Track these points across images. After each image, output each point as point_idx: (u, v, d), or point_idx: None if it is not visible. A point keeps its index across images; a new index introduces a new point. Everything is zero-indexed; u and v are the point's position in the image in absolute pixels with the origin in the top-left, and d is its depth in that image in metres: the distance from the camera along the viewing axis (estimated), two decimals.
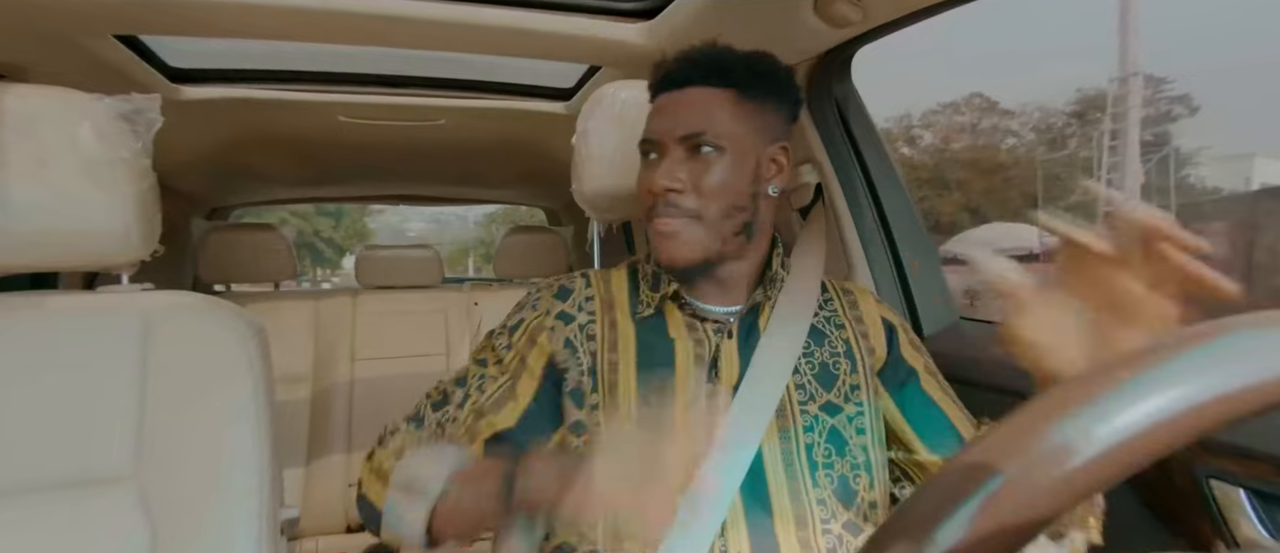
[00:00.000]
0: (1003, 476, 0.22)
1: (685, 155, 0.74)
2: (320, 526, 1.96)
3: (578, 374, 0.77)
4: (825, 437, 0.75)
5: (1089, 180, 8.36)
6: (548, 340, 0.79)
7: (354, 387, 2.06)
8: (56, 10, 0.89)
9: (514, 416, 0.77)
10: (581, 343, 0.78)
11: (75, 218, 0.73)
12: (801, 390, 0.76)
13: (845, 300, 0.85)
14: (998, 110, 25.51)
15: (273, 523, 0.78)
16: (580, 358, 0.78)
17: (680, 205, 0.73)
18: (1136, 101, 12.99)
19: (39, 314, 0.76)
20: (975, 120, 25.52)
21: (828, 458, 0.74)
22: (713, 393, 0.74)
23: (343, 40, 1.05)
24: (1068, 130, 23.31)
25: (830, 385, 0.78)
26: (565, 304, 0.81)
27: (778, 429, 0.74)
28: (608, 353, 0.78)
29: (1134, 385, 0.22)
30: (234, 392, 0.77)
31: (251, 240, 2.17)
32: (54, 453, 0.72)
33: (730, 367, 0.77)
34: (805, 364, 0.78)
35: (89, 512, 0.71)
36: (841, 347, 0.80)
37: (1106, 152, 13.23)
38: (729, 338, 0.78)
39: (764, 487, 0.72)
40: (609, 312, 0.80)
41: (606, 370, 0.77)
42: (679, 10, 0.98)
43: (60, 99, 0.74)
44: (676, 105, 0.76)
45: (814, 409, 0.76)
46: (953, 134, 25.43)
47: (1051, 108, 24.29)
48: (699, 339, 0.78)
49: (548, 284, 0.84)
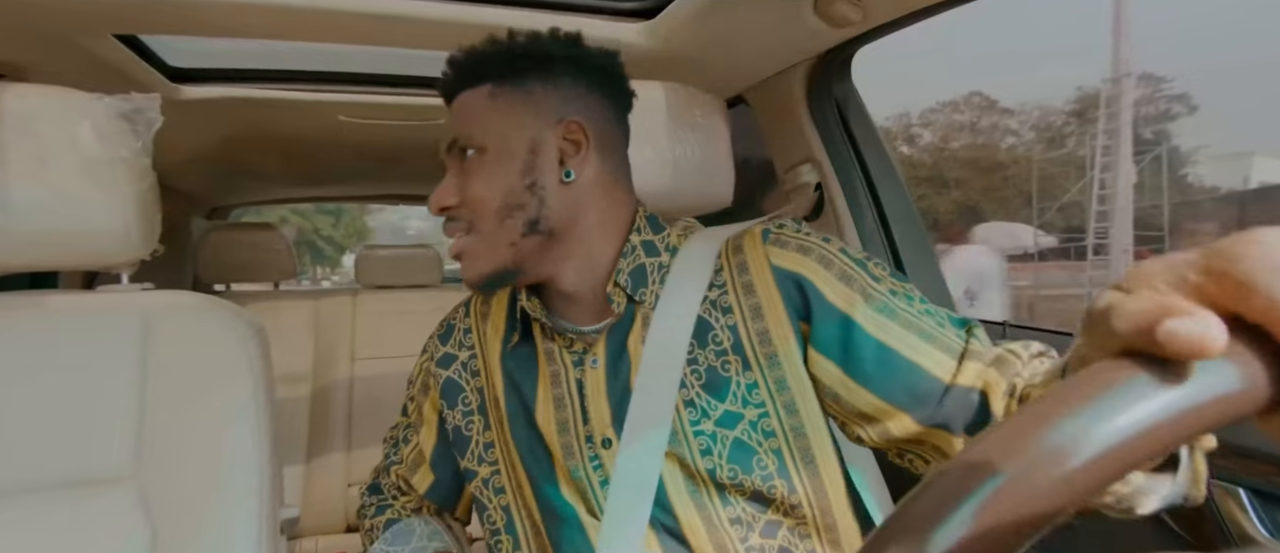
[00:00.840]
0: (1003, 476, 0.22)
1: (458, 167, 0.68)
2: (320, 525, 1.96)
3: (461, 415, 0.76)
4: (727, 456, 0.64)
5: (1084, 179, 8.22)
6: (435, 386, 0.78)
7: (354, 386, 2.06)
8: (56, 10, 0.89)
9: (426, 481, 0.81)
10: (465, 381, 0.76)
11: (75, 218, 0.73)
12: (691, 408, 0.64)
13: (733, 264, 0.68)
14: (997, 109, 25.55)
15: (273, 523, 0.78)
16: (468, 397, 0.75)
17: (458, 219, 0.67)
18: (1129, 101, 12.89)
19: (39, 314, 0.76)
20: (975, 119, 25.58)
21: (734, 477, 0.64)
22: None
23: (342, 40, 1.05)
24: (1067, 129, 23.37)
25: (723, 393, 0.64)
26: (447, 346, 0.78)
27: (678, 462, 0.64)
28: (490, 390, 0.74)
29: (1135, 385, 0.22)
30: (234, 392, 0.77)
31: (251, 240, 2.17)
32: (54, 453, 0.72)
33: (599, 403, 0.67)
34: (691, 375, 0.65)
35: (89, 512, 0.71)
36: (729, 340, 0.65)
37: (1100, 151, 13.17)
38: (593, 368, 0.68)
39: (676, 522, 0.64)
40: (484, 343, 0.76)
41: (492, 404, 0.74)
42: (679, 10, 0.98)
43: (60, 99, 0.74)
44: (449, 118, 0.70)
45: (709, 426, 0.64)
46: (952, 133, 25.49)
47: (1051, 107, 24.36)
48: (557, 374, 0.69)
49: (439, 327, 0.81)
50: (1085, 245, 13.23)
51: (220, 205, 2.55)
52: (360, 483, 2.01)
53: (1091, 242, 13.06)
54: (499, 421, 0.73)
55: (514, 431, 0.71)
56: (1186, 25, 43.15)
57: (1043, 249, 16.78)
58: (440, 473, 0.81)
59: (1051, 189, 19.07)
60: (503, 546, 0.73)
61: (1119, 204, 12.23)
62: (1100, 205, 12.93)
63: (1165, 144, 16.42)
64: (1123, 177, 12.39)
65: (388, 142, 1.78)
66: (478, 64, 0.68)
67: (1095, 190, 13.14)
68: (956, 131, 25.54)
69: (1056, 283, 14.12)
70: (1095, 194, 13.14)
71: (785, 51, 1.07)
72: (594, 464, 0.66)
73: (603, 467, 0.66)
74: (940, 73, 36.31)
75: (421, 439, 0.81)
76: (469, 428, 0.75)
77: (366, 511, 0.86)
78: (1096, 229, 13.03)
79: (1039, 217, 17.49)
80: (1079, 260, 14.28)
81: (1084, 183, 14.76)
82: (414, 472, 0.82)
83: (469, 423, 0.75)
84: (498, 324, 0.75)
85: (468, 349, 0.77)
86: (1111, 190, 12.53)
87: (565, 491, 0.68)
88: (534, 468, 0.70)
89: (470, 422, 0.75)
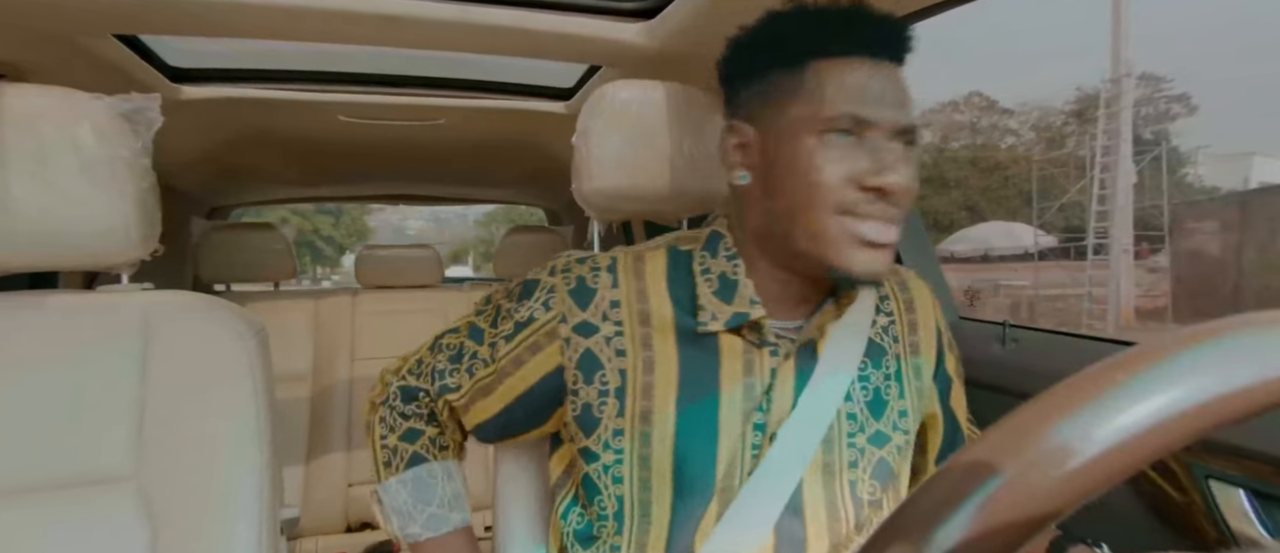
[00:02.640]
0: (1003, 475, 0.22)
1: (898, 146, 0.60)
2: (320, 525, 1.96)
3: (596, 394, 0.67)
4: (871, 472, 0.67)
5: (1084, 179, 8.28)
6: (560, 353, 0.68)
7: (354, 386, 2.06)
8: (56, 10, 0.89)
9: (486, 413, 0.75)
10: (608, 359, 0.67)
11: (75, 218, 0.73)
12: (852, 420, 0.67)
13: (901, 299, 0.74)
14: (997, 109, 25.57)
15: (273, 523, 0.78)
16: (606, 376, 0.67)
17: (902, 206, 0.60)
18: (1129, 102, 13.03)
19: (39, 314, 0.76)
20: (975, 119, 25.61)
21: (873, 495, 0.66)
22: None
23: (342, 40, 1.05)
24: (1067, 129, 23.41)
25: (881, 413, 0.68)
26: (586, 312, 0.68)
27: (822, 465, 0.65)
28: (642, 375, 0.66)
29: (1134, 385, 0.22)
30: (234, 392, 0.77)
31: (251, 240, 2.17)
32: (54, 453, 0.72)
33: (783, 398, 0.66)
34: (859, 390, 0.67)
35: (89, 511, 0.71)
36: (894, 366, 0.70)
37: (1099, 151, 13.30)
38: (786, 359, 0.66)
39: (801, 528, 0.64)
40: (643, 324, 0.67)
41: (638, 395, 0.66)
42: (679, 10, 0.98)
43: (60, 99, 0.74)
44: (883, 80, 0.60)
45: (862, 441, 0.67)
46: (951, 132, 25.57)
47: (1050, 107, 24.41)
48: (751, 362, 0.66)
49: (564, 276, 0.70)
50: (1085, 245, 13.27)
51: (220, 205, 2.56)
52: (360, 483, 2.01)
53: (1091, 241, 13.22)
54: (645, 410, 0.66)
55: (681, 418, 0.65)
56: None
57: (1043, 249, 17.03)
58: (502, 419, 0.74)
59: (1051, 189, 19.12)
60: (607, 530, 0.68)
61: (1119, 204, 12.38)
62: (1100, 205, 13.13)
63: (1165, 144, 16.51)
64: (1122, 177, 12.52)
65: (388, 141, 1.78)
66: (895, 35, 0.62)
67: (1095, 190, 13.37)
68: (956, 131, 25.63)
69: (1056, 282, 14.27)
70: (1095, 194, 13.35)
71: None
72: (753, 452, 0.65)
73: (759, 457, 0.65)
74: (941, 71, 36.36)
75: (503, 385, 0.72)
76: (601, 409, 0.67)
77: (389, 418, 0.79)
78: (1096, 229, 13.19)
79: (1039, 217, 17.71)
80: (1079, 260, 14.39)
81: (1084, 183, 14.95)
82: (471, 406, 0.75)
83: (602, 404, 0.67)
84: (659, 302, 0.68)
85: (614, 324, 0.67)
86: (1111, 190, 12.70)
87: (718, 473, 0.65)
88: (686, 452, 0.65)
89: (604, 404, 0.67)
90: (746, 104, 0.66)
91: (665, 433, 0.65)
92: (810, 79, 0.60)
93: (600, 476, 0.68)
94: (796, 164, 0.60)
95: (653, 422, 0.65)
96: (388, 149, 1.88)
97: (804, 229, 0.61)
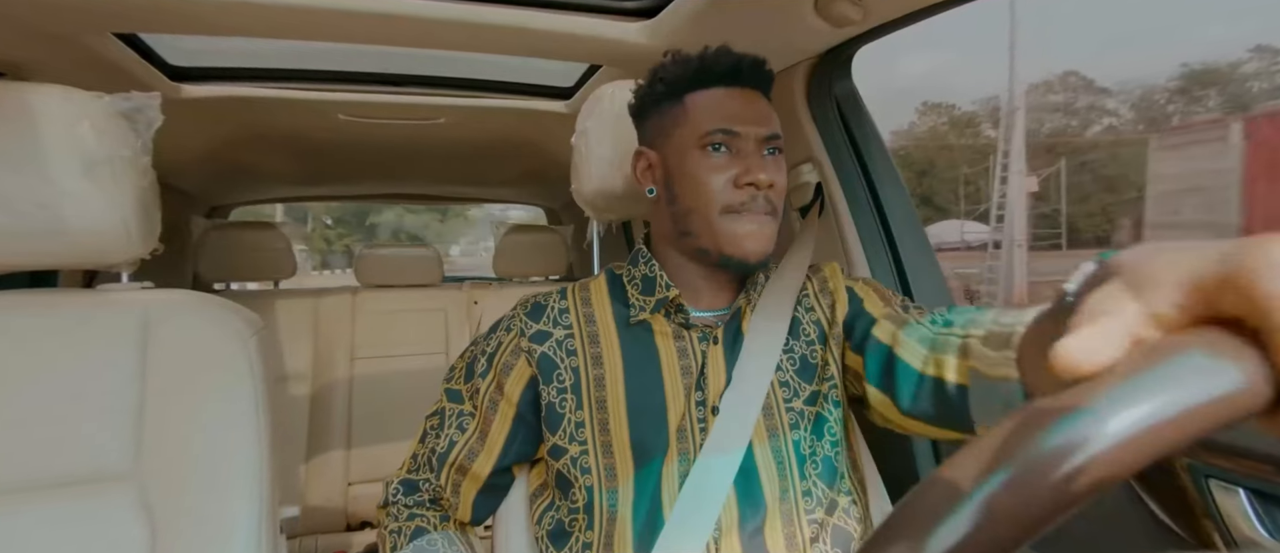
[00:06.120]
0: (1003, 476, 0.22)
1: (762, 154, 0.75)
2: (320, 524, 1.96)
3: (556, 392, 0.77)
4: (810, 429, 0.77)
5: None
6: (527, 363, 0.79)
7: (353, 385, 2.06)
8: (56, 9, 0.89)
9: (488, 465, 0.81)
10: (561, 359, 0.78)
11: (75, 217, 0.73)
12: (786, 388, 0.78)
13: (815, 279, 0.86)
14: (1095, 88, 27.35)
15: (273, 522, 0.78)
16: (562, 374, 0.77)
17: (772, 202, 0.75)
18: (1020, 116, 16.67)
19: (39, 313, 0.76)
20: (1071, 99, 27.43)
21: (812, 449, 0.77)
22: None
23: (343, 38, 1.05)
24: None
25: (810, 377, 0.79)
26: (539, 323, 0.80)
27: (766, 429, 0.76)
28: (592, 369, 0.77)
29: (1134, 386, 0.22)
30: (234, 390, 0.77)
31: (251, 239, 2.17)
32: (54, 452, 0.72)
33: (717, 375, 0.77)
34: (787, 361, 0.79)
35: (89, 511, 0.71)
36: (815, 332, 0.81)
37: (999, 165, 16.99)
38: (715, 344, 0.78)
39: (758, 488, 0.74)
40: (588, 324, 0.80)
41: (592, 386, 0.77)
42: (679, 10, 0.98)
43: (60, 98, 0.74)
44: (746, 104, 0.76)
45: (799, 404, 0.77)
46: (1044, 114, 27.95)
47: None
48: (683, 348, 0.78)
49: (521, 305, 0.83)
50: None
51: (220, 204, 2.56)
52: (360, 482, 2.01)
53: (991, 238, 17.47)
54: (599, 399, 0.76)
55: (630, 399, 0.76)
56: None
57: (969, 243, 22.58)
58: (501, 463, 0.81)
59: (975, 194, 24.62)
60: (578, 523, 0.76)
61: (1015, 210, 15.96)
62: (999, 210, 16.68)
63: (1063, 159, 21.64)
64: (1014, 190, 15.97)
65: (388, 141, 1.78)
66: (758, 69, 0.78)
67: (995, 198, 16.97)
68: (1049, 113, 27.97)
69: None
70: (995, 201, 16.92)
71: (786, 51, 1.07)
72: (701, 426, 0.76)
73: (707, 430, 0.75)
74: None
75: (492, 428, 0.81)
76: (562, 405, 0.77)
77: (395, 511, 0.83)
78: (996, 228, 16.84)
79: (966, 216, 23.41)
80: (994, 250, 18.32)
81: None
82: (470, 465, 0.81)
83: (562, 400, 0.77)
84: (601, 307, 0.81)
85: (563, 328, 0.80)
86: (1009, 198, 16.14)
87: (673, 447, 0.75)
88: (642, 431, 0.75)
89: (563, 400, 0.77)
90: (649, 134, 0.81)
91: (620, 417, 0.76)
92: (689, 106, 0.76)
93: (569, 468, 0.77)
94: (686, 174, 0.75)
95: (608, 409, 0.76)
96: (388, 148, 1.88)
97: (698, 226, 0.75)
